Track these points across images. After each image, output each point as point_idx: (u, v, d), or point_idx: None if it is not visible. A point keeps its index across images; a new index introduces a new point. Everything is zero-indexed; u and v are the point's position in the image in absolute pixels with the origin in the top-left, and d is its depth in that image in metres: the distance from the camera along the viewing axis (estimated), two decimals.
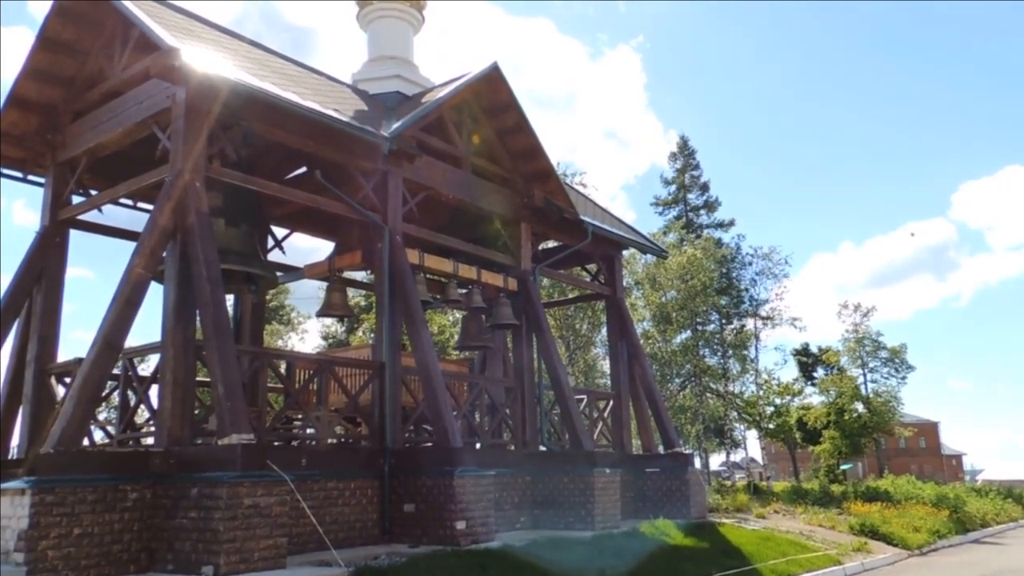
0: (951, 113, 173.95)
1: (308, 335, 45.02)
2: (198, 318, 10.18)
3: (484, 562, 9.66)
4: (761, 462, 52.37)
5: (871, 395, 38.45)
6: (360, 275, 18.38)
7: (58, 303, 12.32)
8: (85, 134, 12.10)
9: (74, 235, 12.89)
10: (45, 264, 12.24)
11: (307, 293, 43.68)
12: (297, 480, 9.91)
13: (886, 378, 38.73)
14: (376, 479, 11.70)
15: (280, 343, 42.93)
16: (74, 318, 76.08)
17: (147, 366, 18.10)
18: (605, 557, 11.13)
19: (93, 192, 12.97)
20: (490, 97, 14.85)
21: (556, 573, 9.75)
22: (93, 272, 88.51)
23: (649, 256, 29.28)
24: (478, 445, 14.39)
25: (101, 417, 16.44)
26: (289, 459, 10.24)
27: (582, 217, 16.60)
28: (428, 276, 14.56)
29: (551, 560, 10.25)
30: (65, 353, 13.69)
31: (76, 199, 12.85)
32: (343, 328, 39.33)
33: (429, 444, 13.43)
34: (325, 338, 41.91)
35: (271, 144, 12.52)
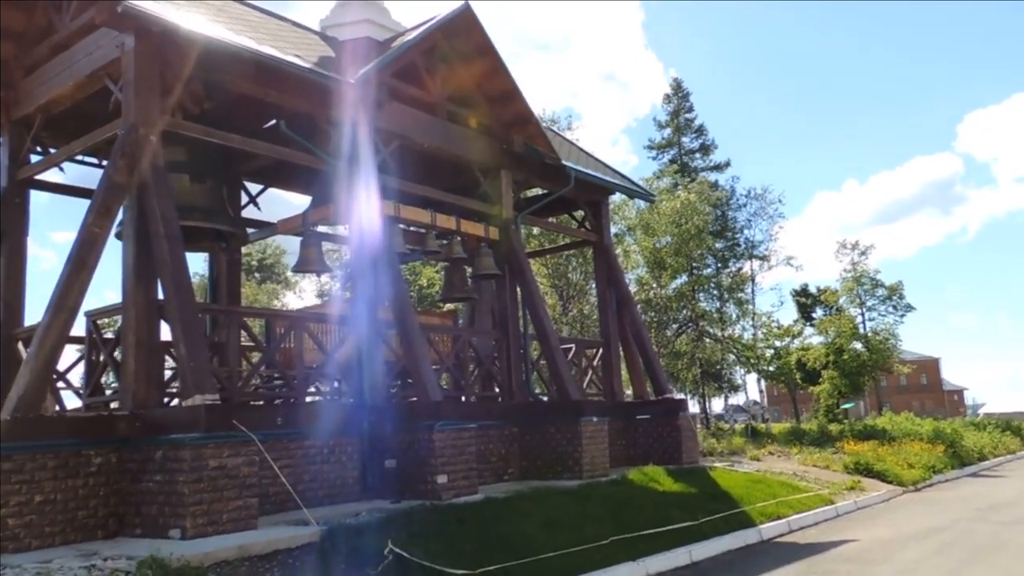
0: (956, 39, 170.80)
1: (306, 293, 44.91)
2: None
3: (462, 515, 9.49)
4: (763, 404, 52.43)
5: (869, 333, 38.20)
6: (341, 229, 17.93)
7: (22, 267, 11.97)
8: (37, 90, 11.61)
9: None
10: (5, 227, 11.84)
11: None
12: (273, 439, 9.71)
13: (883, 316, 38.42)
14: (356, 436, 11.50)
15: (277, 303, 42.81)
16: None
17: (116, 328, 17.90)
18: (589, 506, 10.97)
19: (53, 151, 12.54)
20: (463, 39, 14.24)
21: (535, 523, 9.57)
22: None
23: (641, 202, 28.76)
24: (463, 398, 14.18)
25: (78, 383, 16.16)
26: (262, 418, 10.04)
27: (565, 162, 16.12)
28: (406, 227, 14.19)
29: (531, 511, 10.08)
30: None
31: (36, 158, 12.43)
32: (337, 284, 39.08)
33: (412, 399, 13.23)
34: (320, 296, 41.73)
35: (239, 96, 12.00)
